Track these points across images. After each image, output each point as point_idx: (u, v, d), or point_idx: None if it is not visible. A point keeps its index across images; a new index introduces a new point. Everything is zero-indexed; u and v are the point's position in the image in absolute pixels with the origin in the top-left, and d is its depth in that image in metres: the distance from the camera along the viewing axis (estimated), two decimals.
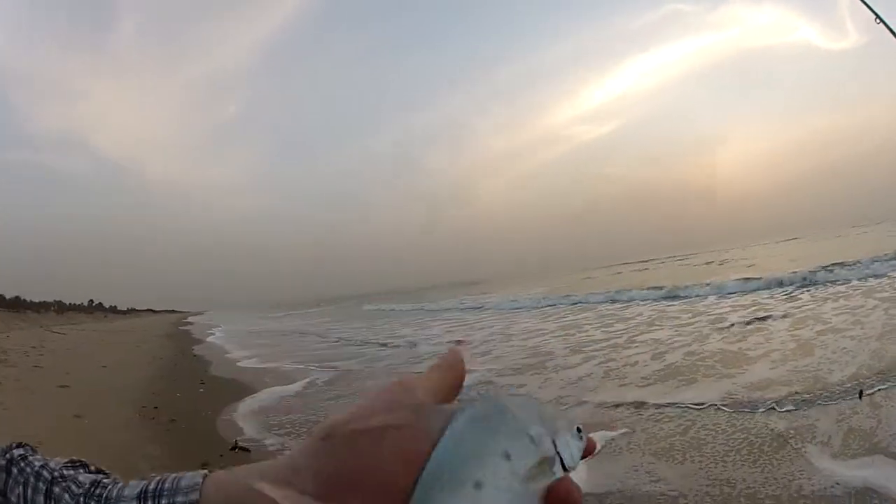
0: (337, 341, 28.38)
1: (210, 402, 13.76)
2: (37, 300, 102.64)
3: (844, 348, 11.45)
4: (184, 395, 14.88)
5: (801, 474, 6.15)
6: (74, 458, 1.00)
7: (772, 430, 7.59)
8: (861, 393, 7.36)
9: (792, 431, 7.39)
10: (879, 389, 8.27)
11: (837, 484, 5.83)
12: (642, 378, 11.58)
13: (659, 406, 9.31)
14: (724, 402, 9.02)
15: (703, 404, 8.97)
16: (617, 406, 9.69)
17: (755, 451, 6.99)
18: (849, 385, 8.81)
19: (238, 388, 15.56)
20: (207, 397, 14.65)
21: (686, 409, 8.94)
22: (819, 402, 8.38)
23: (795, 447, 6.88)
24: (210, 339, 40.58)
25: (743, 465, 6.65)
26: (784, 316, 16.82)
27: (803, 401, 8.51)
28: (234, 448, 9.39)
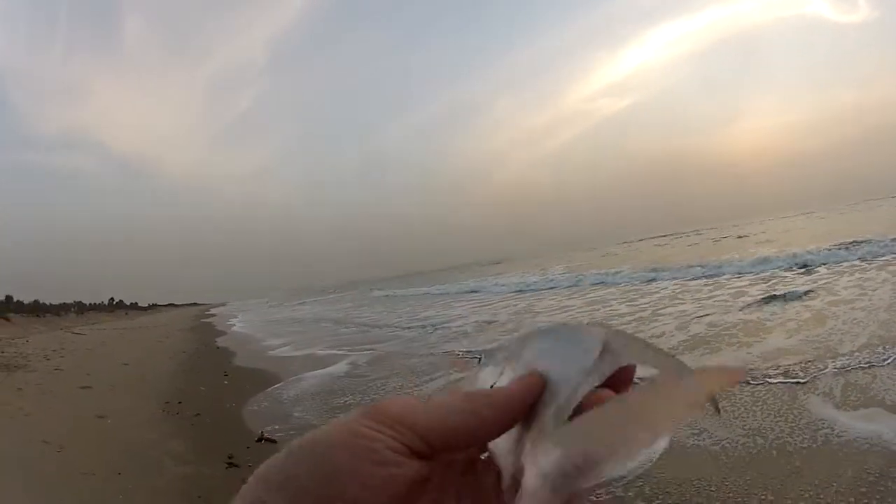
0: (359, 328, 28.28)
1: (235, 393, 13.77)
2: (56, 303, 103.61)
3: (855, 319, 11.64)
4: (208, 389, 14.89)
5: (823, 424, 6.85)
6: None
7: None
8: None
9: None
10: None
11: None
12: (670, 347, 11.38)
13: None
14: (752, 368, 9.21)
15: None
16: None
17: (780, 407, 7.62)
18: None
19: (263, 378, 15.56)
20: (232, 389, 14.65)
21: None
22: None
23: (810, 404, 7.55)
24: (232, 329, 41.05)
25: (769, 417, 7.30)
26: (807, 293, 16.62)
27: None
28: (260, 440, 9.34)
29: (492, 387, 0.92)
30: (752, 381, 8.53)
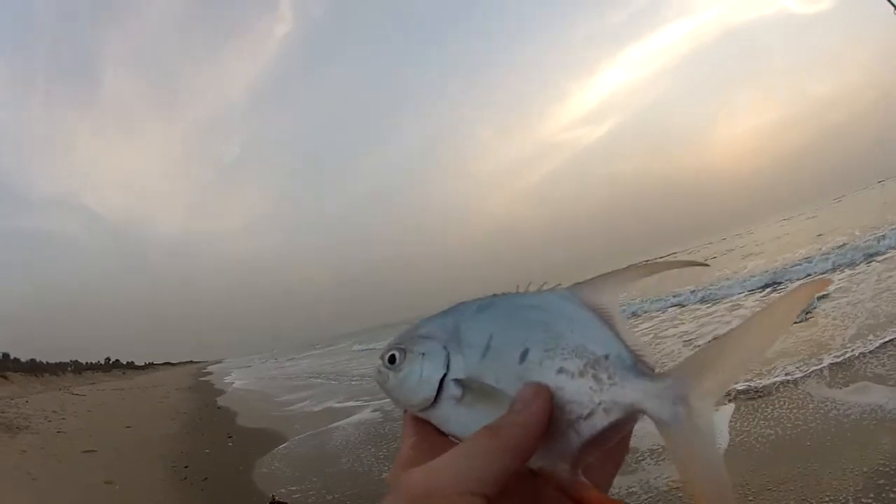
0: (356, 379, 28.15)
1: (240, 455, 13.75)
2: (53, 361, 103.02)
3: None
4: (213, 451, 14.80)
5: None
6: None
7: None
8: None
9: None
10: None
11: None
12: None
13: None
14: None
15: None
16: None
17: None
18: None
19: (267, 438, 15.52)
20: (237, 450, 14.61)
21: None
22: None
23: None
24: (232, 388, 40.89)
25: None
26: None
27: None
28: (271, 503, 9.24)
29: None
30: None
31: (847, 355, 9.35)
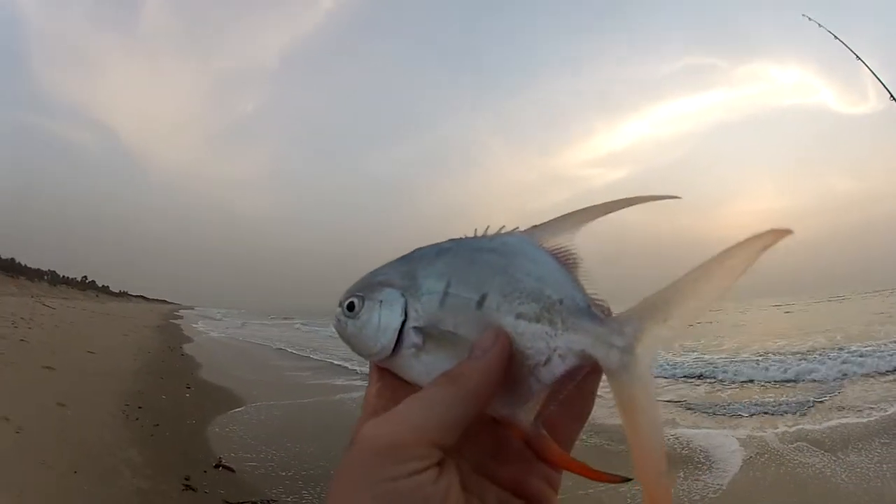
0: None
1: (196, 409, 13.76)
2: (32, 266, 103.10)
3: None
4: (169, 398, 14.78)
5: None
6: None
7: None
8: None
9: None
10: None
11: None
12: None
13: None
14: None
15: None
16: None
17: None
18: None
19: (226, 398, 15.53)
20: (194, 403, 14.59)
21: None
22: None
23: None
24: (200, 338, 40.77)
25: None
26: None
27: None
28: (217, 465, 9.30)
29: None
30: None
31: None
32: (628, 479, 0.86)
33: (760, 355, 21.54)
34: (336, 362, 24.81)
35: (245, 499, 8.05)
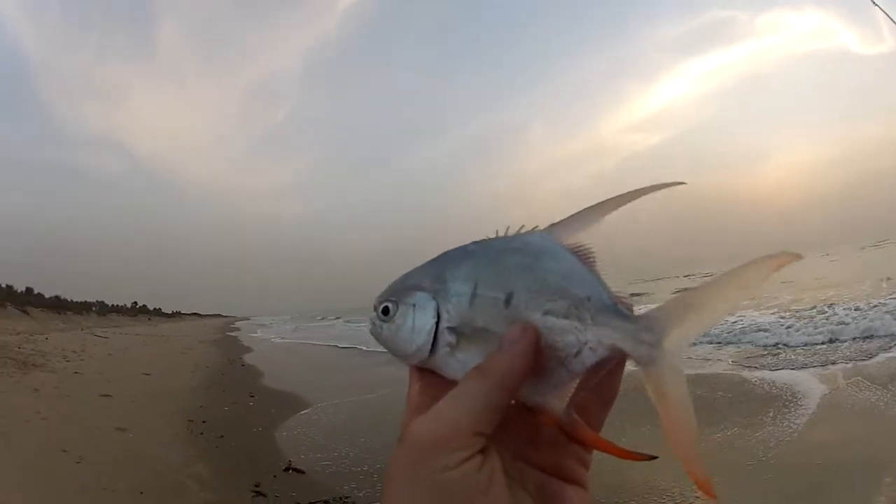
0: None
1: (261, 416, 13.78)
2: (78, 300, 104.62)
3: None
4: (233, 409, 14.84)
5: None
6: None
7: None
8: None
9: None
10: None
11: None
12: None
13: None
14: None
15: None
16: None
17: None
18: None
19: (291, 402, 15.53)
20: (259, 411, 14.63)
21: None
22: None
23: None
24: (260, 346, 41.25)
25: None
26: None
27: None
28: (287, 469, 9.27)
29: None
30: None
31: None
32: (655, 457, 0.92)
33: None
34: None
35: (317, 498, 8.04)
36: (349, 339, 40.28)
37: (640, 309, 0.95)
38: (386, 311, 1.03)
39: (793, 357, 15.14)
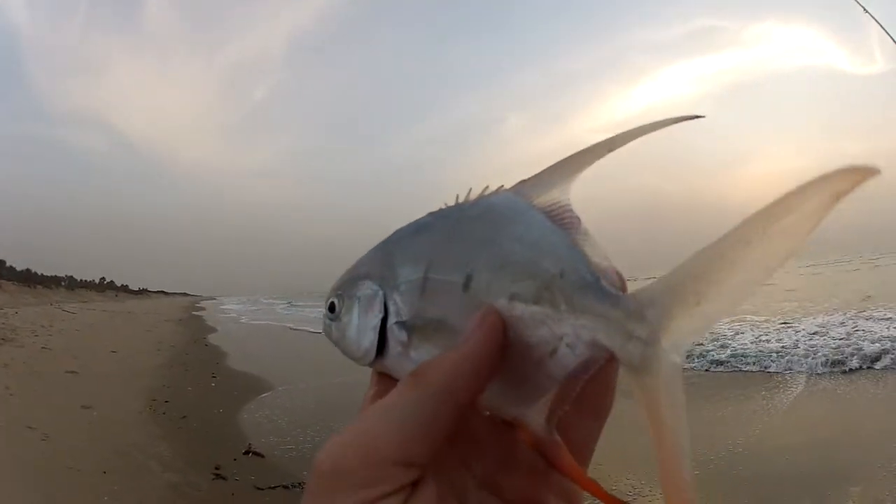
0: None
1: (223, 398, 13.82)
2: (48, 274, 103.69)
3: None
4: (195, 389, 14.89)
5: None
6: None
7: None
8: None
9: None
10: None
11: None
12: None
13: None
14: None
15: None
16: None
17: None
18: None
19: (252, 384, 15.57)
20: (220, 392, 14.67)
21: None
22: None
23: None
24: (223, 328, 40.86)
25: None
26: None
27: None
28: (247, 452, 9.37)
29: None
30: None
31: None
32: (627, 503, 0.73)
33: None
34: None
35: (276, 483, 8.09)
36: (317, 322, 40.14)
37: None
38: (332, 308, 0.89)
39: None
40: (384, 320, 0.83)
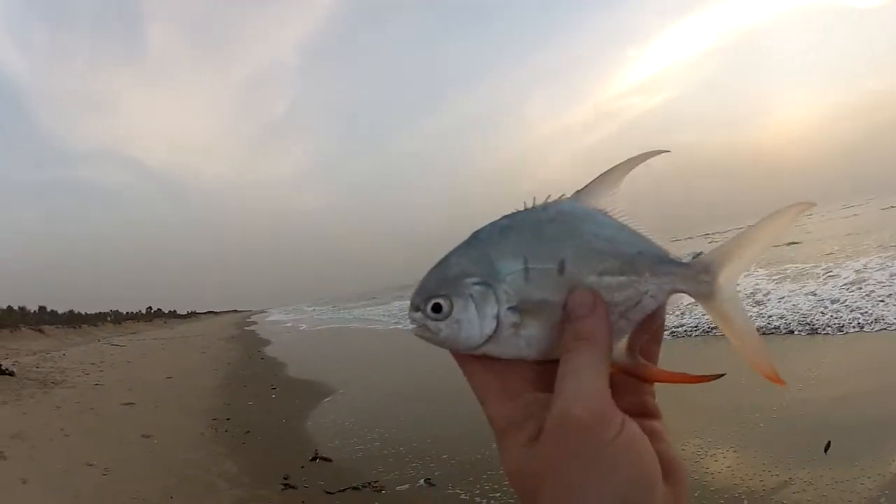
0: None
1: (285, 407, 13.92)
2: (92, 312, 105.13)
3: None
4: (256, 403, 14.96)
5: None
6: None
7: None
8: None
9: None
10: None
11: None
12: None
13: None
14: None
15: None
16: None
17: None
18: None
19: (313, 390, 15.67)
20: (281, 403, 14.77)
21: None
22: None
23: None
24: (277, 339, 41.44)
25: None
26: None
27: None
28: (314, 458, 9.34)
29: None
30: None
31: None
32: (723, 375, 1.00)
33: None
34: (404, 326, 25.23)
35: (346, 485, 8.10)
36: (364, 320, 40.55)
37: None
38: (438, 309, 0.98)
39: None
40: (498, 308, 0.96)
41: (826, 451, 6.91)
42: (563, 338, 0.91)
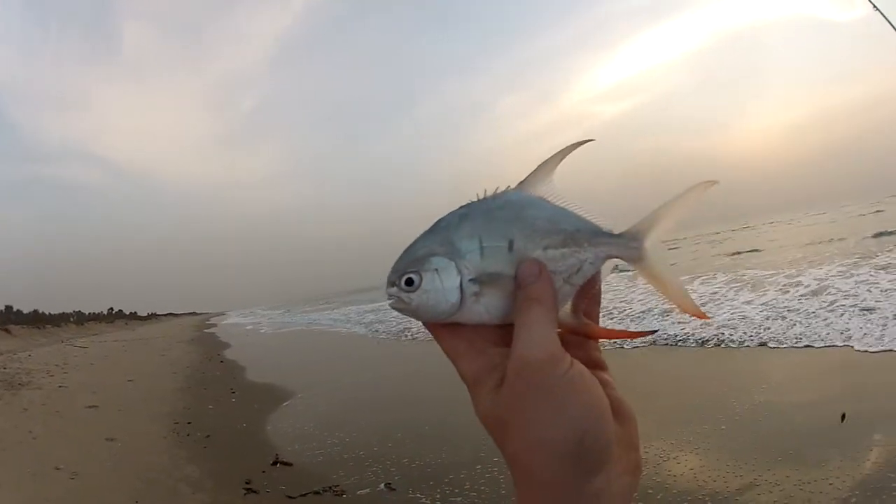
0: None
1: (245, 411, 14.07)
2: (55, 312, 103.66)
3: None
4: (216, 407, 15.10)
5: None
6: None
7: None
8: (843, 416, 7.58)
9: None
10: None
11: None
12: None
13: None
14: None
15: None
16: None
17: None
18: None
19: (272, 394, 15.84)
20: (241, 406, 14.93)
21: None
22: None
23: None
24: (236, 342, 41.23)
25: None
26: None
27: None
28: (275, 462, 9.51)
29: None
30: None
31: None
32: (655, 331, 1.61)
33: None
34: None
35: (307, 490, 8.22)
36: (324, 323, 40.29)
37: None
38: (410, 283, 1.11)
39: None
40: (460, 280, 1.10)
41: (843, 420, 7.51)
42: (516, 302, 1.05)
